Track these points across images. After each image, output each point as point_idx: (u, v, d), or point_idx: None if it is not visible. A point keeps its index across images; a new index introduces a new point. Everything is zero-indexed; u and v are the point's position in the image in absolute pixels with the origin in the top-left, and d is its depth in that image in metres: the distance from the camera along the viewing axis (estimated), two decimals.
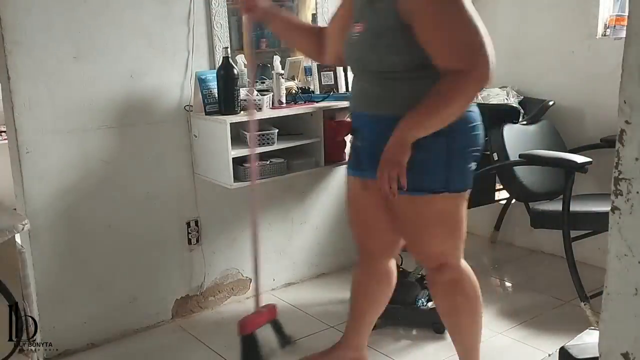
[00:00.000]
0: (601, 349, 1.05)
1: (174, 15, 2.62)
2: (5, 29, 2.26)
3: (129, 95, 2.55)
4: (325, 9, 3.03)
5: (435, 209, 1.91)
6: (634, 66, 0.93)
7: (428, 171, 1.84)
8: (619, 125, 0.96)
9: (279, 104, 2.75)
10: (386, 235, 2.12)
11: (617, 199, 0.97)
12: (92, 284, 2.60)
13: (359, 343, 2.33)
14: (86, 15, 2.41)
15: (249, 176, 2.65)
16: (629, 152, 0.95)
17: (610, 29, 3.14)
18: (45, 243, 2.46)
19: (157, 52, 2.60)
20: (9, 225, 1.35)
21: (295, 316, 2.87)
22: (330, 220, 3.28)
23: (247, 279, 3.04)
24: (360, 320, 2.30)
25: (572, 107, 3.24)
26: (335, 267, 3.33)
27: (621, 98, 0.95)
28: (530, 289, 3.07)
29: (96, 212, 2.56)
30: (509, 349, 2.53)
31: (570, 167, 2.63)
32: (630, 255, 0.97)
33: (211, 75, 2.61)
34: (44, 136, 2.39)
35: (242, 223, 2.95)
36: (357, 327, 2.31)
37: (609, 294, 1.02)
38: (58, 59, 2.38)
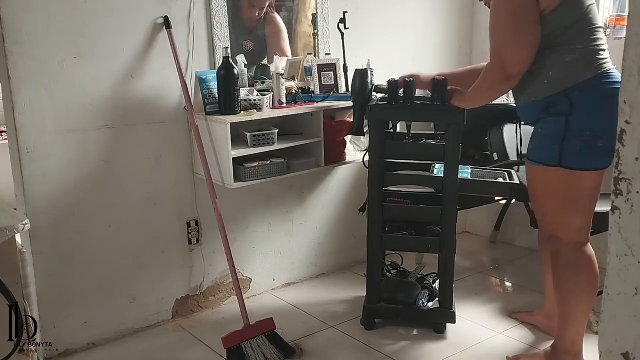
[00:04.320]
0: (601, 349, 1.05)
1: (174, 15, 2.62)
2: (6, 29, 2.26)
3: (129, 95, 2.55)
4: (325, 9, 3.03)
5: (548, 181, 2.13)
6: (634, 66, 0.93)
7: (545, 146, 2.11)
8: (619, 125, 0.96)
9: (279, 104, 2.75)
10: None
11: (617, 199, 0.98)
12: (92, 284, 2.60)
13: (549, 311, 2.54)
14: (86, 15, 2.41)
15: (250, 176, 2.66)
16: (629, 152, 0.95)
17: (610, 29, 3.14)
18: (45, 243, 2.46)
19: (158, 52, 2.60)
20: (9, 225, 1.35)
21: (295, 316, 2.87)
22: (330, 220, 3.29)
23: (248, 279, 3.04)
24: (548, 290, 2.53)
25: None
26: (335, 267, 3.33)
27: (621, 98, 0.96)
28: (530, 289, 3.07)
29: (96, 212, 2.56)
30: (509, 349, 2.53)
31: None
32: (630, 255, 0.97)
33: (211, 76, 2.61)
34: (44, 136, 2.40)
35: (242, 223, 2.95)
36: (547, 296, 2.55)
37: (609, 294, 1.02)
38: (58, 59, 2.38)
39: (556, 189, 2.12)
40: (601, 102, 2.02)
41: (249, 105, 2.65)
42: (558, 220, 2.19)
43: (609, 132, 1.93)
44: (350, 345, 2.59)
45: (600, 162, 2.07)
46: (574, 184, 2.08)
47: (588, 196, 2.12)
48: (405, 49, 3.36)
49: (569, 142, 2.04)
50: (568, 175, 2.07)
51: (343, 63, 3.00)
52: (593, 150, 2.03)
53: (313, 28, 3.05)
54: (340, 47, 2.99)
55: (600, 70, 2.03)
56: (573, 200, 2.12)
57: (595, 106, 2.02)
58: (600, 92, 2.03)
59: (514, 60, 2.06)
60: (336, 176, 3.24)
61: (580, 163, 2.06)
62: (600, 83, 2.02)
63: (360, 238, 3.37)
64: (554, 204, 2.17)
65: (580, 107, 2.03)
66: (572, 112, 2.03)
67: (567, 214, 2.16)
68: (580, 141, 2.04)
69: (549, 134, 2.10)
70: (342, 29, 2.98)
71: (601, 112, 2.01)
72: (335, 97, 2.89)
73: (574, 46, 2.04)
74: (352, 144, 3.02)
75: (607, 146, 2.00)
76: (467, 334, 2.65)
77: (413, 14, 3.38)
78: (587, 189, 2.10)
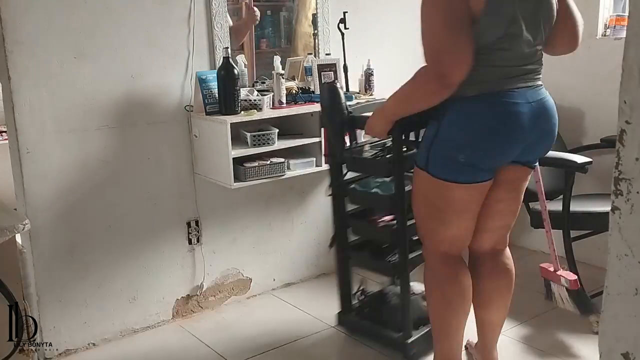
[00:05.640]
0: (601, 349, 1.05)
1: (175, 15, 2.62)
2: (6, 29, 2.26)
3: (129, 95, 2.55)
4: (325, 9, 3.03)
5: (420, 182, 2.07)
6: (634, 66, 0.93)
7: (421, 148, 2.05)
8: (619, 125, 0.96)
9: (279, 104, 2.75)
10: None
11: (617, 199, 0.97)
12: (92, 284, 2.60)
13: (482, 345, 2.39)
14: (86, 15, 2.42)
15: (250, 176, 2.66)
16: (629, 152, 0.95)
17: (610, 29, 3.14)
18: (45, 243, 2.46)
19: (158, 52, 2.60)
20: (9, 225, 1.35)
21: (295, 316, 2.87)
22: (330, 220, 3.28)
23: (248, 279, 3.04)
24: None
25: (572, 107, 3.24)
26: (335, 267, 3.33)
27: (621, 98, 0.95)
28: (530, 289, 3.07)
29: (96, 212, 2.56)
30: (509, 349, 2.53)
31: (571, 167, 2.63)
32: (630, 255, 0.97)
33: (211, 76, 2.61)
34: (44, 136, 2.40)
35: (242, 223, 2.95)
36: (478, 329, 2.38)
37: (609, 294, 1.02)
38: (59, 59, 2.38)
39: (424, 193, 2.06)
40: (470, 118, 1.91)
41: (249, 105, 2.65)
42: (424, 226, 2.13)
43: (471, 149, 1.91)
44: (351, 345, 2.59)
45: (462, 177, 1.95)
46: (439, 192, 2.00)
47: (453, 209, 2.01)
48: (405, 49, 3.35)
49: (435, 148, 1.97)
50: (433, 182, 1.99)
51: (343, 63, 3.00)
52: (454, 162, 1.93)
53: (313, 28, 3.05)
54: (340, 47, 2.99)
55: (489, 90, 1.88)
56: (438, 208, 2.04)
57: (462, 120, 1.91)
58: (474, 109, 1.90)
59: (454, 67, 1.83)
60: None
61: (442, 173, 1.96)
62: (481, 101, 1.89)
63: None
64: (423, 208, 2.10)
65: (452, 118, 1.92)
66: (443, 120, 1.93)
67: (433, 221, 2.08)
68: (443, 150, 1.95)
69: (425, 137, 2.04)
70: (342, 29, 2.98)
71: (466, 127, 1.91)
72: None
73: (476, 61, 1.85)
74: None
75: (468, 162, 1.92)
76: (467, 334, 2.64)
77: (413, 13, 3.36)
78: (452, 202, 2.00)
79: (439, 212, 2.04)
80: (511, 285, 2.24)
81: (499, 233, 2.19)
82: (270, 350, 2.56)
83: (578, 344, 2.53)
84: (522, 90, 1.92)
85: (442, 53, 1.83)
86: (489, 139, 1.92)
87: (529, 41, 1.89)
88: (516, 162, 2.04)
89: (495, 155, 1.95)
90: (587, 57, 3.14)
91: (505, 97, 1.89)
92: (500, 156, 1.97)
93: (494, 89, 1.89)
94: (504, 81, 1.90)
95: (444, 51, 1.83)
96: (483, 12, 1.79)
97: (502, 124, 1.90)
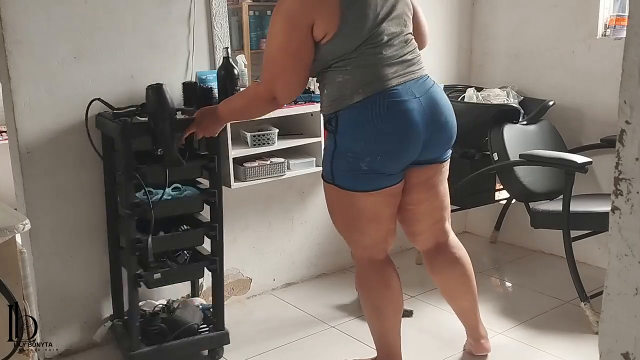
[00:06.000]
0: (601, 349, 1.05)
1: (174, 15, 2.62)
2: (6, 29, 2.26)
3: (129, 95, 2.55)
4: None
5: (330, 195, 2.11)
6: (634, 66, 0.93)
7: (324, 162, 2.08)
8: (619, 125, 0.96)
9: None
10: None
11: (617, 199, 0.97)
12: (92, 284, 2.60)
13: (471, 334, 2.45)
14: (86, 15, 2.41)
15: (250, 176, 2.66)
16: (629, 152, 0.95)
17: (610, 29, 3.14)
18: (45, 243, 2.46)
19: (158, 52, 2.60)
20: (9, 225, 1.35)
21: (295, 316, 2.87)
22: (330, 220, 3.28)
23: (248, 279, 3.04)
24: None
25: (572, 107, 3.24)
26: (335, 267, 3.33)
27: (621, 98, 0.95)
28: (530, 289, 3.07)
29: (96, 212, 2.56)
30: (509, 349, 2.53)
31: (570, 167, 2.63)
32: (630, 255, 0.97)
33: (212, 76, 2.61)
34: (44, 136, 2.40)
35: (242, 223, 2.95)
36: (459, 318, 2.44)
37: (609, 294, 1.02)
38: (58, 59, 2.38)
39: (337, 205, 2.10)
40: (360, 125, 1.93)
41: None
42: (346, 236, 2.17)
43: (370, 155, 1.93)
44: (351, 345, 2.59)
45: (367, 184, 1.98)
46: (350, 203, 2.03)
47: (365, 216, 2.04)
48: None
49: (337, 162, 2.00)
50: (342, 194, 2.02)
51: None
52: (357, 172, 1.96)
53: None
54: None
55: (375, 91, 1.90)
56: (352, 218, 2.07)
57: (353, 129, 1.94)
58: (362, 115, 1.92)
59: (284, 90, 2.01)
60: None
61: (348, 184, 1.99)
62: (369, 105, 1.91)
63: None
64: (339, 219, 2.14)
65: (344, 128, 1.95)
66: (337, 132, 1.97)
67: (351, 231, 2.12)
68: (344, 162, 1.97)
69: (325, 151, 2.07)
70: None
71: (359, 135, 1.93)
72: None
73: (348, 67, 1.92)
74: None
75: (371, 169, 1.95)
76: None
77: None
78: (362, 209, 2.03)
79: (355, 221, 2.07)
80: (466, 271, 2.29)
81: (434, 229, 2.22)
82: (270, 350, 2.56)
83: (578, 344, 2.53)
84: (405, 86, 1.93)
85: (276, 77, 1.99)
86: (385, 142, 1.93)
87: (392, 34, 1.95)
88: (422, 163, 2.05)
89: (396, 158, 1.97)
90: (587, 57, 3.15)
91: (390, 97, 1.91)
92: (401, 158, 1.98)
93: (377, 89, 1.91)
94: (385, 79, 1.92)
95: (277, 76, 1.99)
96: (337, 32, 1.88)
97: (394, 125, 1.92)
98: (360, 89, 1.91)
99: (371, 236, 2.09)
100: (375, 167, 1.95)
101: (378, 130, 1.92)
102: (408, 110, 1.92)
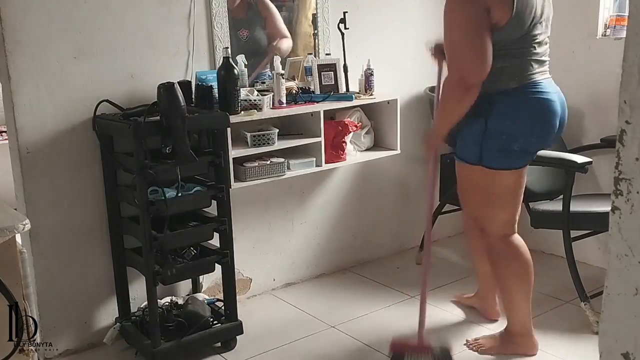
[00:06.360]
0: (601, 349, 1.05)
1: (174, 15, 2.62)
2: (6, 29, 2.26)
3: (129, 95, 2.55)
4: (325, 9, 3.03)
5: (471, 178, 2.29)
6: (634, 66, 0.93)
7: (467, 145, 2.26)
8: (619, 125, 0.96)
9: (279, 104, 2.75)
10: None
11: (617, 199, 0.97)
12: (92, 284, 2.60)
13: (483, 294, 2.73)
14: (86, 15, 2.42)
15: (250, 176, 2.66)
16: (629, 152, 0.95)
17: (610, 29, 3.14)
18: (45, 243, 2.46)
19: (158, 52, 2.60)
20: (9, 225, 1.35)
21: (295, 316, 2.87)
22: (330, 220, 3.28)
23: (248, 279, 3.04)
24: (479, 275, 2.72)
25: (572, 107, 3.21)
26: (335, 267, 3.33)
27: (621, 98, 0.95)
28: None
29: (96, 212, 2.56)
30: None
31: (571, 167, 2.63)
32: (630, 255, 0.97)
33: (211, 76, 2.61)
34: (44, 136, 2.40)
35: (242, 223, 2.94)
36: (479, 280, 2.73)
37: (609, 294, 1.02)
38: (58, 59, 2.38)
39: (479, 185, 2.28)
40: (518, 109, 2.16)
41: (249, 105, 2.65)
42: (483, 214, 2.35)
43: (524, 136, 2.17)
44: (350, 345, 2.59)
45: (516, 163, 2.22)
46: (494, 181, 2.23)
47: (509, 193, 2.27)
48: (405, 48, 3.36)
49: (487, 143, 2.19)
50: (488, 173, 2.22)
51: (343, 63, 3.00)
52: (508, 152, 2.18)
53: (313, 28, 3.05)
54: (340, 47, 2.99)
55: (527, 81, 2.16)
56: (495, 196, 2.27)
57: (512, 112, 2.16)
58: (519, 100, 2.16)
59: (472, 71, 2.07)
60: (336, 176, 3.24)
61: (498, 163, 2.19)
62: (523, 92, 2.16)
63: (360, 238, 3.38)
64: (478, 199, 2.33)
65: (498, 111, 2.16)
66: (490, 115, 2.16)
67: (490, 208, 2.31)
68: (496, 143, 2.17)
69: (470, 134, 2.23)
70: (342, 29, 2.98)
71: (517, 118, 2.16)
72: (335, 97, 2.89)
73: (507, 56, 2.12)
74: (352, 144, 3.03)
75: (522, 149, 2.19)
76: (467, 334, 2.65)
77: (413, 13, 3.38)
78: (507, 186, 2.25)
79: (496, 199, 2.28)
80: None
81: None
82: (270, 350, 2.56)
83: (578, 344, 2.53)
84: (546, 81, 2.21)
85: (460, 62, 2.09)
86: (539, 125, 2.19)
87: (541, 35, 2.17)
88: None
89: (544, 140, 2.23)
90: (587, 57, 3.15)
91: (538, 87, 2.17)
92: (547, 140, 2.24)
93: (528, 80, 2.16)
94: (534, 73, 2.17)
95: (462, 60, 2.08)
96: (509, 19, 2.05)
97: (543, 112, 2.18)
98: (517, 76, 2.15)
99: (508, 211, 2.31)
100: (526, 148, 2.20)
101: (534, 114, 2.17)
102: (552, 102, 2.19)
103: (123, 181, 2.50)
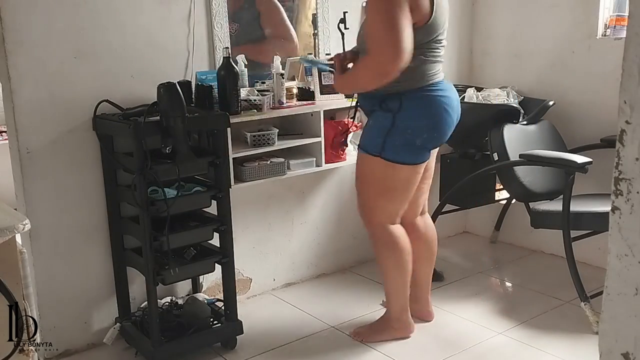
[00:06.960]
0: (601, 349, 1.05)
1: (174, 15, 2.62)
2: (6, 29, 2.26)
3: (129, 95, 2.55)
4: (325, 9, 3.03)
5: (370, 168, 2.38)
6: (634, 66, 0.93)
7: (372, 137, 2.35)
8: (619, 125, 0.96)
9: (279, 104, 2.75)
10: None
11: (617, 199, 0.98)
12: (92, 284, 2.60)
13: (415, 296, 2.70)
14: (86, 15, 2.41)
15: (250, 176, 2.66)
16: (629, 152, 0.95)
17: (610, 29, 3.14)
18: (45, 243, 2.46)
19: (158, 52, 2.60)
20: (9, 225, 1.35)
21: (295, 316, 2.87)
22: (330, 220, 3.28)
23: (248, 279, 3.04)
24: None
25: (572, 107, 3.24)
26: (335, 267, 3.33)
27: (621, 98, 0.96)
28: (530, 289, 3.07)
29: (96, 212, 2.56)
30: (509, 349, 2.53)
31: (570, 167, 2.63)
32: (630, 255, 0.97)
33: (211, 76, 2.61)
34: (44, 136, 2.40)
35: (242, 223, 2.94)
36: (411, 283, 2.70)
37: (609, 294, 1.02)
38: (58, 59, 2.38)
39: (375, 176, 2.38)
40: (425, 107, 2.28)
41: (249, 105, 2.65)
42: (374, 204, 2.45)
43: (428, 132, 2.30)
44: (350, 345, 2.59)
45: (414, 158, 2.34)
46: (392, 174, 2.35)
47: (403, 186, 2.39)
48: None
49: (391, 137, 2.29)
50: (387, 165, 2.32)
51: None
52: (411, 147, 2.30)
53: (313, 28, 3.05)
54: (340, 47, 2.98)
55: (432, 80, 2.29)
56: (389, 188, 2.38)
57: (418, 109, 2.28)
58: (425, 98, 2.28)
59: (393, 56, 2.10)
60: (336, 176, 3.24)
61: (397, 157, 2.31)
62: (429, 91, 2.28)
63: (360, 238, 3.37)
64: (372, 189, 2.42)
65: (407, 108, 2.27)
66: (399, 111, 2.28)
67: (382, 199, 2.42)
68: (401, 137, 2.28)
69: (376, 126, 2.33)
70: (342, 29, 2.98)
71: (423, 115, 2.28)
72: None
73: (420, 56, 2.23)
74: (352, 144, 3.02)
75: (423, 145, 2.32)
76: (467, 334, 2.65)
77: None
78: (402, 180, 2.37)
79: (390, 191, 2.39)
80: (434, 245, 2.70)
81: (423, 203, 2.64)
82: (270, 350, 2.56)
83: (578, 344, 2.53)
84: (445, 81, 2.37)
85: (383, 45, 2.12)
86: (442, 123, 2.32)
87: (444, 40, 2.32)
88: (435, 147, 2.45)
89: (444, 136, 2.36)
90: (587, 57, 3.15)
91: (440, 86, 2.32)
92: (445, 137, 2.37)
93: (432, 79, 2.30)
94: (437, 73, 2.32)
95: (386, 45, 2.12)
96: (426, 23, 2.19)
97: (449, 110, 2.32)
98: (425, 75, 2.27)
99: (400, 204, 2.44)
100: (426, 144, 2.32)
101: (440, 113, 2.30)
102: (453, 100, 2.34)
103: (123, 181, 2.50)
